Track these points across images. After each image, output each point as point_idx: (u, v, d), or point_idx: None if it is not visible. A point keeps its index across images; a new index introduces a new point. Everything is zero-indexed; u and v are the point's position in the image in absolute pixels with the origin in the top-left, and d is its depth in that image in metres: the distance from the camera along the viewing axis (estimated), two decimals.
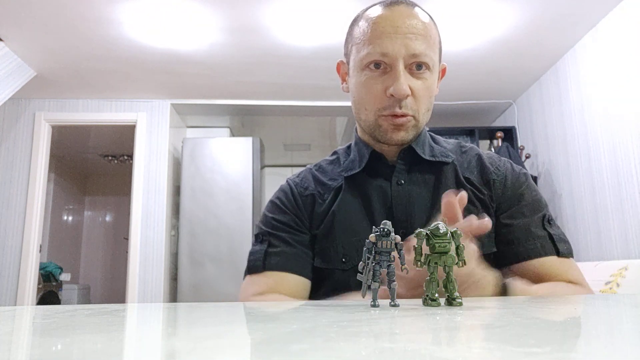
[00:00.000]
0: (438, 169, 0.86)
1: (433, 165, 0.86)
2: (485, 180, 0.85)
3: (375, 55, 0.78)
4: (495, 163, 0.87)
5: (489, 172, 0.85)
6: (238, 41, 3.16)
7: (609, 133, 2.93)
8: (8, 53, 3.19)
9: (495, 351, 0.20)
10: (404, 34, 0.77)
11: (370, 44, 0.78)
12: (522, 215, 0.81)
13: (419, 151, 0.85)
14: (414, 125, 0.81)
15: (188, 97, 4.16)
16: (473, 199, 0.82)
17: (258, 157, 4.27)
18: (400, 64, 0.77)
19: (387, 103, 0.79)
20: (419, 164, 0.86)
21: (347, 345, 0.22)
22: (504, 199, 0.83)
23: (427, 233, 0.43)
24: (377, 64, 0.78)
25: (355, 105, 0.85)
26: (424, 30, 0.78)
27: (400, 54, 0.76)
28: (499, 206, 0.83)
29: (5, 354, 0.22)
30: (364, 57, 0.79)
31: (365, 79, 0.80)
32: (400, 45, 0.76)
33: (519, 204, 0.82)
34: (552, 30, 3.05)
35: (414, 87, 0.78)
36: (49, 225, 5.71)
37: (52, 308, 0.46)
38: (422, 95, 0.80)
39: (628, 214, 2.75)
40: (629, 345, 0.22)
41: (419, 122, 0.82)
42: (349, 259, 0.79)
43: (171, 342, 0.25)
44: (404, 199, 0.82)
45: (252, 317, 0.35)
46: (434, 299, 0.41)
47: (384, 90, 0.78)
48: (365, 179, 0.86)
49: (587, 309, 0.37)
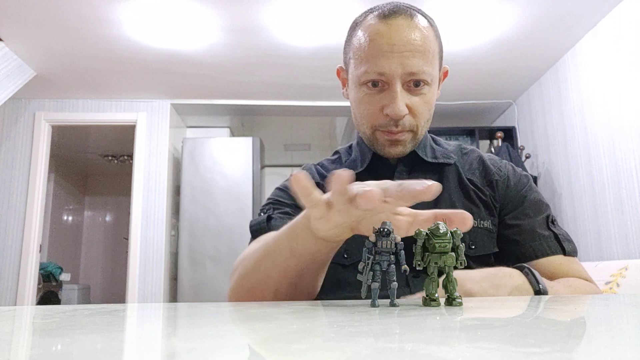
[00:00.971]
0: (440, 170, 0.85)
1: (435, 166, 0.85)
2: (488, 181, 0.84)
3: (372, 74, 0.77)
4: (497, 164, 0.87)
5: (491, 173, 0.85)
6: (238, 41, 3.16)
7: (609, 133, 2.93)
8: (8, 53, 3.19)
9: (495, 351, 0.20)
10: (400, 52, 0.75)
11: (368, 62, 0.77)
12: (526, 216, 0.81)
13: (421, 154, 0.85)
14: (412, 138, 0.81)
15: (188, 97, 4.16)
16: (476, 200, 0.82)
17: (258, 157, 4.27)
18: (397, 83, 0.76)
19: (384, 121, 0.79)
20: (420, 165, 0.85)
21: (347, 345, 0.22)
22: (508, 200, 0.83)
23: (427, 233, 0.43)
24: (374, 82, 0.78)
25: (354, 118, 0.85)
26: (422, 46, 0.76)
27: (397, 74, 0.75)
28: (502, 207, 0.83)
29: (5, 354, 0.22)
30: (361, 74, 0.78)
31: (362, 96, 0.80)
32: (397, 65, 0.75)
33: (522, 205, 0.82)
34: (552, 30, 3.05)
35: (411, 104, 0.78)
36: (49, 225, 5.71)
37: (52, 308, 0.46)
38: (420, 111, 0.79)
39: (628, 214, 2.75)
40: (629, 346, 0.22)
41: (417, 135, 0.81)
42: (350, 255, 0.79)
43: (171, 342, 0.25)
44: None
45: (252, 317, 0.35)
46: (434, 299, 0.41)
47: (380, 109, 0.78)
48: (366, 179, 0.85)
49: (588, 309, 0.37)
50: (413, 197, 0.43)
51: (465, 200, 0.82)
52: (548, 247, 0.78)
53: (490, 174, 0.85)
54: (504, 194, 0.83)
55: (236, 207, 4.08)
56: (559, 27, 3.03)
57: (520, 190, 0.84)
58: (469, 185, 0.83)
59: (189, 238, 4.01)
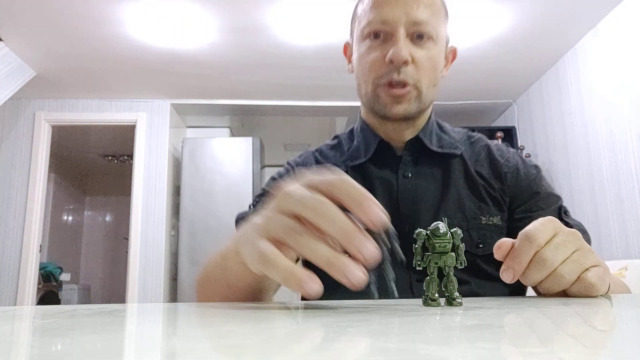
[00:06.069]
0: (446, 161, 0.81)
1: (441, 157, 0.81)
2: (497, 174, 0.80)
3: (375, 24, 0.74)
4: (505, 155, 0.83)
5: (500, 165, 0.80)
6: (238, 41, 3.16)
7: (609, 133, 2.93)
8: (8, 53, 3.19)
9: (495, 351, 0.20)
10: (405, 1, 0.73)
11: (371, 12, 0.75)
12: (538, 208, 0.77)
13: (427, 142, 0.80)
14: (416, 97, 0.76)
15: (188, 97, 4.16)
16: (485, 197, 0.78)
17: (258, 157, 4.27)
18: (400, 31, 0.73)
19: (385, 70, 0.74)
20: (426, 155, 0.81)
21: (347, 345, 0.22)
22: (518, 193, 0.79)
23: (427, 233, 0.43)
24: (376, 33, 0.75)
25: (357, 80, 0.80)
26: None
27: (401, 21, 0.73)
28: (512, 200, 0.78)
29: (5, 354, 0.22)
30: (364, 27, 0.76)
31: (365, 49, 0.77)
32: (400, 13, 0.73)
33: (534, 197, 0.78)
34: (552, 30, 3.05)
35: (415, 55, 0.74)
36: (49, 225, 5.71)
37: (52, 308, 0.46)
38: (424, 65, 0.75)
39: (628, 214, 2.75)
40: (629, 346, 0.22)
41: (421, 95, 0.76)
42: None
43: (171, 342, 0.25)
44: (411, 193, 0.77)
45: (252, 317, 0.35)
46: (434, 299, 0.41)
47: (382, 58, 0.74)
48: (370, 169, 0.81)
49: (587, 309, 0.37)
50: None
51: (473, 197, 0.78)
52: None
53: (499, 165, 0.80)
54: (514, 187, 0.79)
55: (236, 207, 4.08)
56: (559, 27, 3.03)
57: (531, 182, 0.79)
58: (478, 179, 0.79)
59: (189, 238, 4.01)
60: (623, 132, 2.80)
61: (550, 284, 0.46)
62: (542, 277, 0.46)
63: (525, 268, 0.46)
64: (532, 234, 0.46)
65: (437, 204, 0.77)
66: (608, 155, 2.94)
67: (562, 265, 0.46)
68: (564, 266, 0.46)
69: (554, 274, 0.46)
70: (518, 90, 4.03)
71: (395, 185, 0.78)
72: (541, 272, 0.45)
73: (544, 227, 0.47)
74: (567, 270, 0.45)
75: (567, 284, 0.46)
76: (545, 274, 0.45)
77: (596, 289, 0.45)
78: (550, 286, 0.46)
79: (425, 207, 0.76)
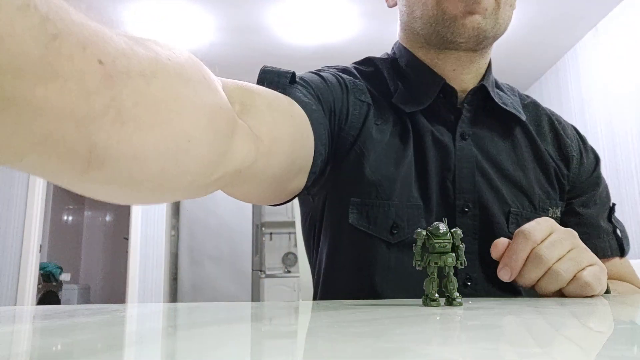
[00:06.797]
0: (508, 125, 0.65)
1: (504, 119, 0.64)
2: (563, 156, 0.66)
3: None
4: (567, 131, 0.68)
5: (567, 146, 0.66)
6: (238, 41, 3.16)
7: (609, 133, 2.93)
8: None
9: (495, 351, 0.20)
10: None
11: None
12: (595, 204, 0.67)
13: (491, 92, 0.63)
14: (494, 11, 0.57)
15: None
16: (553, 181, 0.64)
17: None
18: None
19: None
20: (486, 114, 0.64)
21: (347, 345, 0.22)
22: (579, 181, 0.67)
23: (427, 233, 0.43)
24: None
25: (407, 3, 0.61)
26: None
27: None
28: (572, 189, 0.66)
29: (5, 354, 0.22)
30: None
31: None
32: None
33: (594, 189, 0.68)
34: (553, 30, 3.05)
35: None
36: (49, 225, 5.71)
37: (52, 308, 0.46)
38: None
39: (628, 214, 2.75)
40: (629, 346, 0.22)
41: (499, 7, 0.58)
42: (400, 230, 0.57)
43: (171, 342, 0.25)
44: (470, 163, 0.61)
45: (252, 317, 0.35)
46: (434, 299, 0.41)
47: None
48: (421, 121, 0.62)
49: (587, 309, 0.37)
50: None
51: (543, 181, 0.64)
52: (609, 246, 0.66)
53: (566, 145, 0.66)
54: (577, 174, 0.67)
55: (236, 207, 4.08)
56: (559, 27, 3.03)
57: (594, 171, 0.68)
58: (548, 157, 0.65)
59: (189, 238, 4.01)
60: (623, 132, 2.80)
61: (546, 283, 0.45)
62: (538, 275, 0.45)
63: (522, 266, 0.45)
64: (527, 232, 0.45)
65: (503, 184, 0.61)
66: (608, 155, 2.94)
67: (558, 263, 0.45)
68: (560, 263, 0.45)
69: (550, 271, 0.45)
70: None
71: (452, 148, 0.61)
72: (537, 270, 0.45)
73: (540, 225, 0.47)
74: (563, 267, 0.45)
75: (563, 282, 0.45)
76: (542, 271, 0.45)
77: (592, 288, 0.44)
78: (547, 285, 0.45)
79: (487, 185, 0.60)
